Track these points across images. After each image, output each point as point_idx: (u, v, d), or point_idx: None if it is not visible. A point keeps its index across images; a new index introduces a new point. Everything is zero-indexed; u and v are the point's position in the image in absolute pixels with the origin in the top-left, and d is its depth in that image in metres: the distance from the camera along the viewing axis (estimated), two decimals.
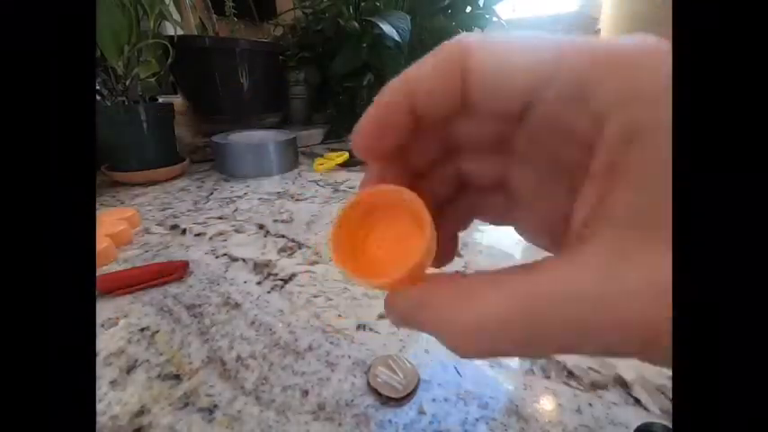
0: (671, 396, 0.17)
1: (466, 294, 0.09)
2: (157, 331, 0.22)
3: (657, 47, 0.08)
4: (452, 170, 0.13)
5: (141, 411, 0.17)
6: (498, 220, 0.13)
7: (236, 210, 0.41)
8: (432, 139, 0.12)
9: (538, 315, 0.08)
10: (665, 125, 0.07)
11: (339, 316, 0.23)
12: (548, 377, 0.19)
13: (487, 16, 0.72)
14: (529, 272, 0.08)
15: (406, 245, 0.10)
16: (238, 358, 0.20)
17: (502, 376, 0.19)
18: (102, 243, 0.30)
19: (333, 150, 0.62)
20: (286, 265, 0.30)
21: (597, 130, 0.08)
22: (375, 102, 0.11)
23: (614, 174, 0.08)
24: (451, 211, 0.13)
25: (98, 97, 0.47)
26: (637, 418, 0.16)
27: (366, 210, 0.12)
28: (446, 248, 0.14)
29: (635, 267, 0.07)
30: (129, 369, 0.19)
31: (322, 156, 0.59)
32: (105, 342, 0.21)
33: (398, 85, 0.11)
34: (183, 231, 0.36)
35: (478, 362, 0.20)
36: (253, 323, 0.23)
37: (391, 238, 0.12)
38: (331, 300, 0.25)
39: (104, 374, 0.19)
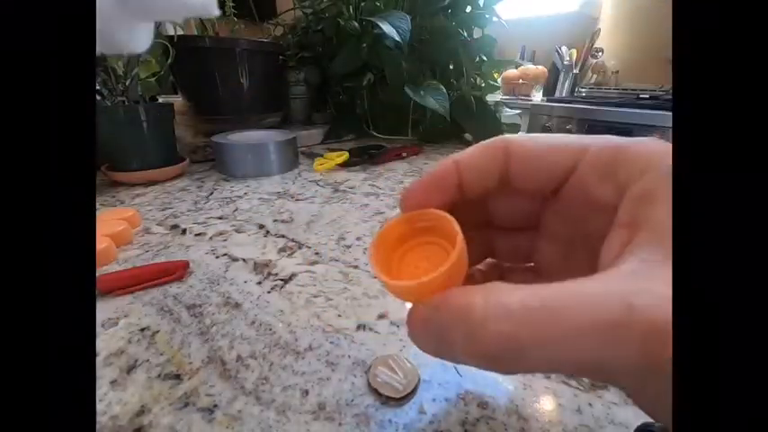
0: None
1: (489, 288, 0.09)
2: (157, 331, 0.22)
3: (662, 141, 0.10)
4: (485, 244, 0.16)
5: (141, 411, 0.17)
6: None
7: (236, 210, 0.41)
8: (471, 213, 0.14)
9: (563, 304, 0.08)
10: (671, 191, 0.09)
11: (339, 316, 0.23)
12: (548, 377, 0.19)
13: (487, 16, 0.72)
14: (554, 283, 0.09)
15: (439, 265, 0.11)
16: (238, 358, 0.20)
17: (502, 376, 0.19)
18: (102, 243, 0.30)
19: (333, 150, 0.62)
20: (286, 265, 0.30)
21: (620, 195, 0.10)
22: (428, 170, 0.13)
23: (637, 224, 0.09)
24: (478, 282, 0.15)
25: (98, 97, 0.47)
26: (637, 418, 0.16)
27: (404, 231, 0.13)
28: None
29: (659, 281, 0.08)
30: (130, 369, 0.19)
31: (322, 156, 0.59)
32: (105, 342, 0.21)
33: (449, 160, 0.12)
34: (184, 231, 0.36)
35: None
36: (253, 323, 0.23)
37: (427, 260, 0.13)
38: (331, 300, 0.25)
39: (104, 374, 0.19)
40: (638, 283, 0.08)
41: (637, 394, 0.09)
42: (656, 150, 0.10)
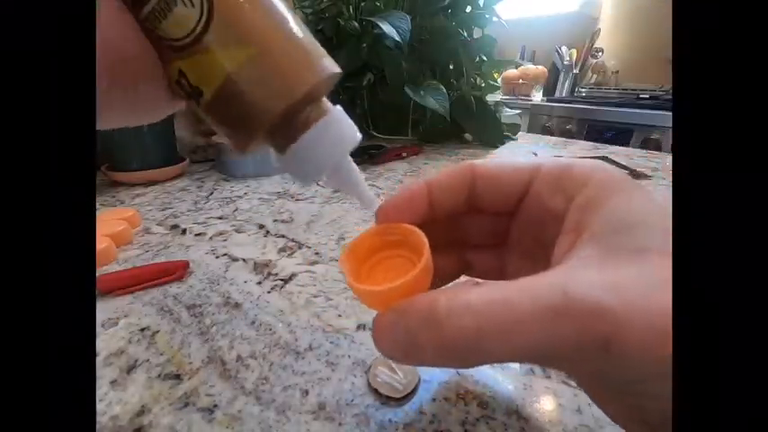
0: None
1: (452, 288, 0.10)
2: (157, 331, 0.22)
3: (604, 163, 0.12)
4: (460, 262, 0.17)
5: (141, 411, 0.17)
6: None
7: (236, 210, 0.41)
8: (445, 232, 0.15)
9: (514, 296, 0.09)
10: (608, 199, 0.11)
11: (339, 316, 0.23)
12: (548, 377, 0.19)
13: (487, 16, 0.71)
14: (511, 280, 0.10)
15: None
16: (238, 358, 0.20)
17: (502, 376, 0.19)
18: (102, 243, 0.30)
19: None
20: (286, 265, 0.30)
21: (568, 205, 0.12)
22: (401, 187, 0.14)
23: (580, 228, 0.11)
24: None
25: None
26: None
27: (375, 243, 0.14)
28: None
29: (593, 272, 0.09)
30: (130, 369, 0.19)
31: None
32: (105, 342, 0.21)
33: (421, 180, 0.14)
34: (184, 231, 0.36)
35: None
36: (253, 323, 0.23)
37: (395, 271, 0.13)
38: (331, 300, 0.25)
39: (104, 374, 0.19)
40: (574, 274, 0.09)
41: (578, 374, 0.10)
42: (596, 167, 0.12)
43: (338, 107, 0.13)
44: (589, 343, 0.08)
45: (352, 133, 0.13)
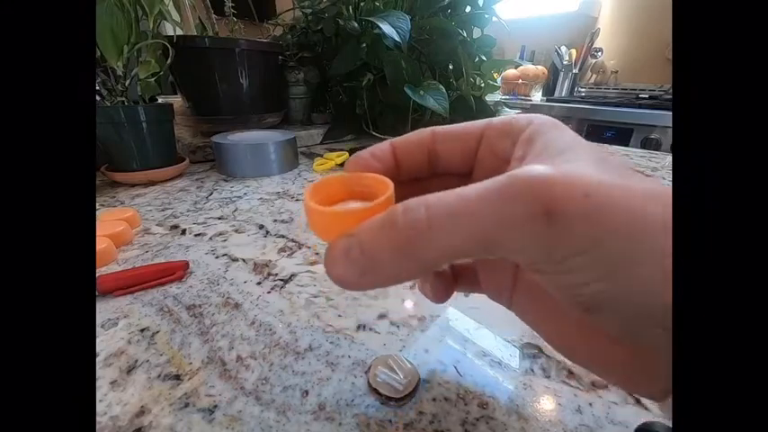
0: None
1: (410, 199, 0.10)
2: (157, 331, 0.22)
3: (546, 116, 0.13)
4: None
5: (141, 412, 0.17)
6: (471, 290, 0.17)
7: (236, 210, 0.41)
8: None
9: (465, 189, 0.09)
10: (545, 133, 0.12)
11: (339, 316, 0.23)
12: (548, 377, 0.19)
13: (487, 16, 0.71)
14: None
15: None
16: (238, 358, 0.20)
17: (502, 376, 0.19)
18: (101, 243, 0.30)
19: (332, 150, 0.62)
20: (286, 265, 0.30)
21: (513, 147, 0.13)
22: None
23: (524, 156, 0.12)
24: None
25: (98, 97, 0.47)
26: (637, 417, 0.16)
27: (340, 190, 0.13)
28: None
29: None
30: (129, 369, 0.19)
31: (322, 156, 0.59)
32: (105, 342, 0.21)
33: (385, 141, 0.15)
34: (183, 231, 0.36)
35: (479, 361, 0.20)
36: (253, 323, 0.23)
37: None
38: (331, 300, 0.25)
39: (104, 375, 0.19)
40: (508, 176, 0.10)
41: (524, 255, 0.10)
42: (537, 114, 0.13)
43: None
44: (534, 211, 0.09)
45: None
